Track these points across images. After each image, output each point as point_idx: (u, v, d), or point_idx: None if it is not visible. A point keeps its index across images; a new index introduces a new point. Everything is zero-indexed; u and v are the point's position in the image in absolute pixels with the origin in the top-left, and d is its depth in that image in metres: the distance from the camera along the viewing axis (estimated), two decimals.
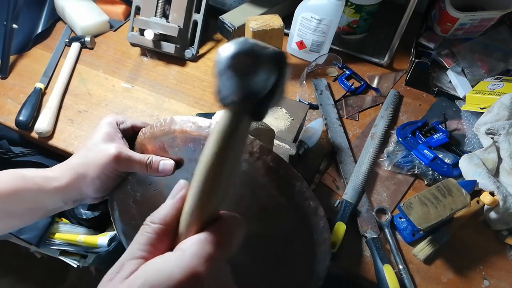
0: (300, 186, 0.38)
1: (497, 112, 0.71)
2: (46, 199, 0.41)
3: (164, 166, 0.41)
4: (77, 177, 0.41)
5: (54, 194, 0.41)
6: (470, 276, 0.62)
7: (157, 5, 0.85)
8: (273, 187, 0.37)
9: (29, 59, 0.88)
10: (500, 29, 0.87)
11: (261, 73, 0.20)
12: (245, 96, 0.21)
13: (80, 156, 0.42)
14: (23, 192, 0.40)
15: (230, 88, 0.21)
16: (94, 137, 0.43)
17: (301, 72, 0.85)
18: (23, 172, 0.41)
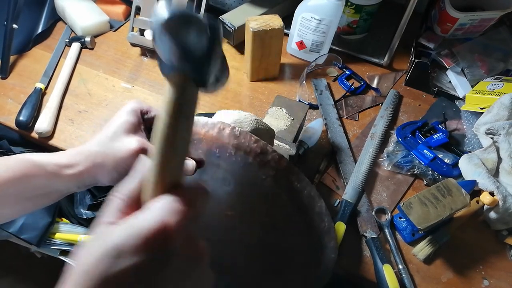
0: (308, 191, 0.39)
1: (496, 112, 0.71)
2: (59, 185, 0.40)
3: (185, 166, 0.39)
4: (94, 166, 0.39)
5: (68, 181, 0.40)
6: (470, 276, 0.62)
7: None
8: (280, 190, 0.38)
9: (29, 59, 0.88)
10: (500, 29, 0.87)
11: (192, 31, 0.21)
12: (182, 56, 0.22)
13: (99, 144, 0.40)
14: (34, 178, 0.38)
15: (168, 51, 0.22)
16: (114, 124, 0.40)
17: (301, 72, 0.85)
18: (33, 157, 0.39)
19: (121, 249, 0.22)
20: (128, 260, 0.22)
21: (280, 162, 0.38)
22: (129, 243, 0.22)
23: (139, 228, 0.23)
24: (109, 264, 0.22)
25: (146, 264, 0.22)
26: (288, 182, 0.38)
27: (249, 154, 0.37)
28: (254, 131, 0.47)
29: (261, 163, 0.37)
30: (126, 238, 0.22)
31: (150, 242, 0.22)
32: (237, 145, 0.37)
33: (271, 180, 0.38)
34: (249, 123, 0.47)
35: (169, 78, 0.24)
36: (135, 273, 0.22)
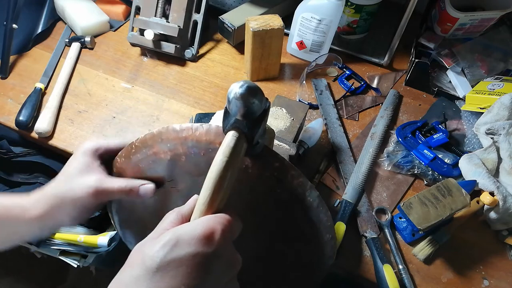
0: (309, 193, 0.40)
1: (497, 112, 0.71)
2: (22, 228, 0.41)
3: (145, 190, 0.41)
4: (51, 209, 0.40)
5: (29, 224, 0.41)
6: (470, 276, 0.62)
7: (157, 5, 0.85)
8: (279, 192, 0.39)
9: (29, 59, 0.88)
10: (500, 29, 0.87)
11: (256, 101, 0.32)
12: (246, 114, 0.32)
13: (55, 187, 0.41)
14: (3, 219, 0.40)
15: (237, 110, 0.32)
16: (70, 167, 0.42)
17: (301, 72, 0.85)
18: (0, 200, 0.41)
19: (178, 241, 0.28)
20: (183, 249, 0.28)
21: (298, 179, 0.39)
22: (185, 237, 0.28)
23: (194, 228, 0.29)
24: (169, 250, 0.28)
25: (196, 256, 0.28)
26: (302, 197, 0.40)
27: (266, 169, 0.38)
28: None
29: (278, 179, 0.38)
30: (182, 234, 0.29)
31: (200, 239, 0.28)
32: (254, 158, 0.38)
33: (286, 194, 0.39)
34: None
35: (229, 131, 0.33)
36: (187, 261, 0.28)
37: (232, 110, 0.33)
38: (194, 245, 0.28)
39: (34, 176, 0.80)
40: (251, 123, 0.33)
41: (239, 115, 0.33)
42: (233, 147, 0.32)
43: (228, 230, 0.30)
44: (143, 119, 0.79)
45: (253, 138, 0.34)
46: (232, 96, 0.32)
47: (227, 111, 0.34)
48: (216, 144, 0.38)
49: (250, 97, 0.32)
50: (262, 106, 0.33)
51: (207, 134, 0.38)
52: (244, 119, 0.33)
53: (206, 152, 0.38)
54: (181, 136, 0.38)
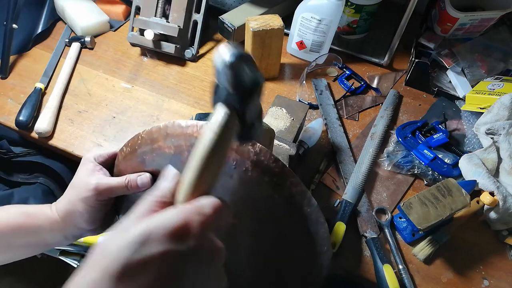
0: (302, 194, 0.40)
1: (497, 112, 0.71)
2: (47, 234, 0.45)
3: (141, 181, 0.43)
4: (68, 214, 0.44)
5: (53, 231, 0.45)
6: (470, 276, 0.62)
7: (157, 5, 0.85)
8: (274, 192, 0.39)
9: (29, 59, 0.88)
10: (500, 29, 0.87)
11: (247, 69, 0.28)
12: (236, 85, 0.28)
13: (67, 195, 0.45)
14: (27, 228, 0.44)
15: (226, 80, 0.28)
16: (77, 176, 0.46)
17: (301, 72, 0.85)
18: (26, 208, 0.45)
19: (146, 238, 0.24)
20: (152, 247, 0.24)
21: (297, 187, 0.39)
22: (154, 233, 0.24)
23: (165, 221, 0.25)
24: (134, 249, 0.23)
25: (167, 255, 0.24)
26: (299, 206, 0.39)
27: (266, 173, 0.38)
28: None
29: (277, 184, 0.38)
30: (153, 228, 0.24)
31: (173, 234, 0.24)
32: (255, 162, 0.37)
33: (284, 202, 0.39)
34: None
35: (219, 105, 0.30)
36: (158, 261, 0.24)
37: (220, 81, 0.29)
38: (166, 242, 0.24)
39: (34, 176, 0.80)
40: (242, 97, 0.30)
41: (229, 87, 0.29)
42: (223, 122, 0.29)
43: (209, 220, 0.27)
44: (143, 119, 0.79)
45: (245, 115, 0.31)
46: (221, 64, 0.28)
47: (216, 84, 0.31)
48: None
49: (241, 65, 0.28)
50: (254, 76, 0.29)
51: None
52: (235, 91, 0.29)
53: None
54: (186, 132, 0.38)
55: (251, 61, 0.29)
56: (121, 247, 0.24)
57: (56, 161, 0.81)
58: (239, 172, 0.38)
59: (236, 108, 0.30)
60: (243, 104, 0.30)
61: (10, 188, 0.78)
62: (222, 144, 0.29)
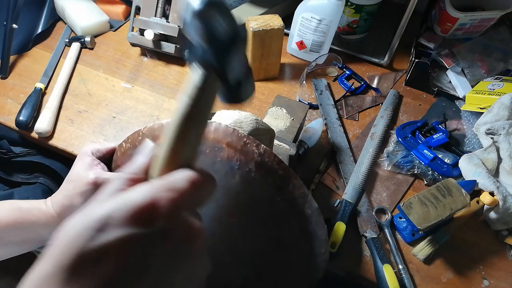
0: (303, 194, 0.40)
1: (497, 112, 0.71)
2: (42, 230, 0.44)
3: None
4: (64, 209, 0.43)
5: (49, 226, 0.44)
6: (469, 276, 0.62)
7: (157, 5, 0.85)
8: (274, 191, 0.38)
9: (29, 59, 0.88)
10: (500, 29, 0.87)
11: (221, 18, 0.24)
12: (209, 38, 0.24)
13: (63, 189, 0.45)
14: (21, 223, 0.43)
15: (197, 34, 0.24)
16: (73, 170, 0.45)
17: (301, 72, 0.85)
18: (19, 203, 0.44)
19: (104, 222, 0.20)
20: (110, 234, 0.20)
21: (299, 190, 0.39)
22: (114, 216, 0.20)
23: (126, 202, 0.21)
24: (90, 236, 0.20)
25: (129, 239, 0.20)
26: (300, 208, 0.39)
27: (269, 175, 0.38)
28: (254, 131, 0.47)
29: (279, 186, 0.38)
30: (112, 211, 0.21)
31: (136, 216, 0.21)
32: (259, 163, 0.37)
33: (285, 204, 0.39)
34: (249, 123, 0.47)
35: (194, 65, 0.26)
36: (117, 249, 0.20)
37: (191, 36, 0.25)
38: (127, 226, 0.20)
39: (34, 176, 0.80)
40: (219, 52, 0.25)
41: (202, 41, 0.25)
42: (199, 85, 0.25)
43: (183, 197, 0.23)
44: (143, 119, 0.79)
45: (226, 73, 0.26)
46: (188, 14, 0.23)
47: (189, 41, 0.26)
48: (223, 144, 0.37)
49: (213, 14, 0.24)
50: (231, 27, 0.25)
51: (215, 132, 0.38)
52: (209, 46, 0.25)
53: (211, 150, 0.38)
54: None
55: (225, 9, 0.24)
56: (76, 235, 0.20)
57: (56, 161, 0.81)
58: (242, 173, 0.38)
59: (214, 66, 0.25)
60: (221, 60, 0.25)
61: (10, 188, 0.78)
62: (200, 109, 0.25)
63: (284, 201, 0.39)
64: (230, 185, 0.39)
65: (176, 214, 0.22)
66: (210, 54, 0.25)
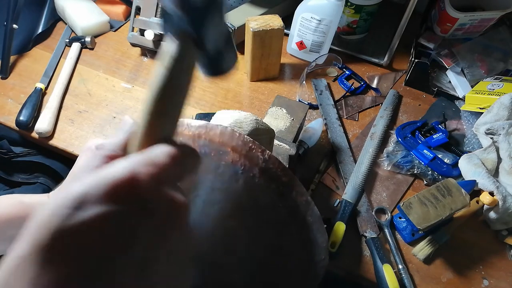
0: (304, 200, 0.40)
1: (496, 112, 0.72)
2: None
3: None
4: None
5: None
6: (469, 276, 0.62)
7: (157, 5, 0.85)
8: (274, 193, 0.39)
9: (30, 59, 0.88)
10: (499, 29, 0.87)
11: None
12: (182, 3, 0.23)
13: (65, 184, 0.44)
14: (24, 217, 0.42)
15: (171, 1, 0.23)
16: (77, 165, 0.44)
17: (301, 72, 0.85)
18: (21, 198, 0.43)
19: (82, 199, 0.19)
20: (88, 211, 0.19)
21: (302, 197, 0.39)
22: (91, 193, 0.19)
23: (104, 177, 0.20)
24: (67, 215, 0.18)
25: (107, 216, 0.19)
26: (302, 216, 0.39)
27: (272, 181, 0.38)
28: (254, 131, 0.47)
29: (282, 193, 0.38)
30: (89, 188, 0.19)
31: (114, 192, 0.20)
32: (264, 169, 0.37)
33: (287, 210, 0.39)
34: (249, 123, 0.47)
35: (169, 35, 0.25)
36: (96, 226, 0.19)
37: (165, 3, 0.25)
38: (105, 203, 0.19)
39: (35, 176, 0.80)
40: (194, 18, 0.24)
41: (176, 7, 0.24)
42: (175, 54, 0.24)
43: (164, 171, 0.21)
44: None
45: (203, 41, 0.25)
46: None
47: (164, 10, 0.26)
48: (228, 148, 0.37)
49: None
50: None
51: (221, 136, 0.37)
52: (184, 12, 0.24)
53: (216, 154, 0.38)
54: (195, 132, 0.38)
55: None
56: (52, 213, 0.19)
57: (56, 161, 0.81)
58: (246, 177, 0.38)
59: (190, 34, 0.25)
60: (197, 27, 0.24)
61: (10, 188, 0.78)
62: (178, 80, 0.24)
63: (286, 208, 0.39)
64: (233, 188, 0.39)
65: (157, 189, 0.21)
66: (185, 21, 0.24)
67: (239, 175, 0.38)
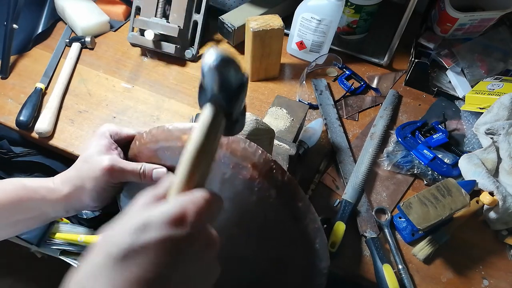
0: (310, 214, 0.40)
1: (496, 112, 0.72)
2: (49, 208, 0.44)
3: (157, 174, 0.42)
4: (75, 189, 0.43)
5: (55, 204, 0.43)
6: (469, 275, 0.62)
7: (157, 5, 0.85)
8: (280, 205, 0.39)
9: (30, 59, 0.88)
10: (499, 29, 0.87)
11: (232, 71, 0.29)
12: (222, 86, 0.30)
13: (77, 169, 0.44)
14: (27, 202, 0.42)
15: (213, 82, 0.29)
16: (89, 148, 0.44)
17: (301, 72, 0.85)
18: (24, 182, 0.44)
19: (147, 224, 0.26)
20: (152, 234, 0.25)
21: (314, 224, 0.39)
22: (154, 221, 0.26)
23: (163, 210, 0.27)
24: (135, 236, 0.25)
25: (165, 240, 0.26)
26: (311, 242, 0.40)
27: (288, 205, 0.38)
28: (254, 131, 0.47)
29: (295, 218, 0.39)
30: (153, 216, 0.26)
31: (171, 222, 0.26)
32: (281, 192, 0.38)
33: (297, 234, 0.39)
34: (249, 123, 0.47)
35: (205, 107, 0.31)
36: (156, 245, 0.25)
37: (207, 84, 0.31)
38: (164, 229, 0.26)
39: (35, 176, 0.80)
40: (228, 97, 0.31)
41: (216, 89, 0.30)
42: (210, 123, 0.30)
43: (203, 210, 0.28)
44: (143, 119, 0.79)
45: (232, 114, 0.32)
46: (207, 68, 0.29)
47: (202, 86, 0.31)
48: (248, 164, 0.37)
49: (226, 68, 0.29)
50: (239, 77, 0.31)
51: (244, 150, 0.38)
52: (221, 92, 0.30)
53: (235, 167, 0.38)
54: None
55: (236, 64, 0.30)
56: (123, 234, 0.26)
57: (56, 161, 0.81)
58: (261, 195, 0.38)
59: (223, 107, 0.31)
60: (229, 104, 0.31)
61: None
62: (210, 142, 0.30)
63: (296, 232, 0.39)
64: (245, 202, 0.39)
65: (200, 223, 0.28)
66: (221, 98, 0.30)
67: (254, 191, 0.38)
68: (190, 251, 0.27)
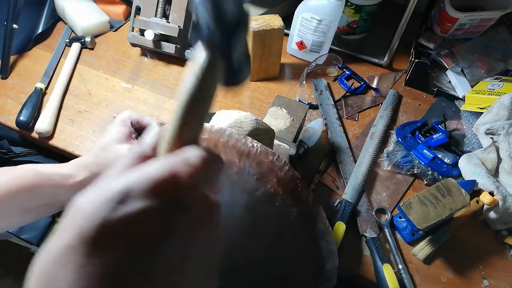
0: None
1: (496, 112, 0.72)
2: (62, 194, 0.42)
3: None
4: (92, 176, 0.42)
5: (70, 190, 0.42)
6: (469, 275, 0.62)
7: (157, 5, 0.85)
8: None
9: (30, 59, 0.88)
10: (499, 29, 0.87)
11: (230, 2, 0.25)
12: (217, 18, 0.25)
13: (95, 155, 0.43)
14: (40, 188, 0.41)
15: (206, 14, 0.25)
16: (107, 136, 0.43)
17: (301, 72, 0.85)
18: (37, 168, 0.42)
19: (125, 194, 0.20)
20: (132, 205, 0.20)
21: (330, 247, 0.39)
22: (135, 188, 0.20)
23: (148, 174, 0.21)
24: (111, 208, 0.20)
25: (151, 211, 0.20)
26: (323, 263, 0.40)
27: (308, 225, 0.38)
28: (254, 131, 0.47)
29: (313, 238, 0.38)
30: (133, 183, 0.21)
31: (158, 189, 0.21)
32: (303, 212, 0.37)
33: (312, 253, 0.39)
34: (249, 123, 0.47)
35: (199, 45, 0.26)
36: (139, 220, 0.20)
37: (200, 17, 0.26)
38: (149, 197, 0.20)
39: None
40: (226, 34, 0.26)
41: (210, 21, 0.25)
42: (206, 66, 0.26)
43: (198, 171, 0.23)
44: None
45: (230, 55, 0.27)
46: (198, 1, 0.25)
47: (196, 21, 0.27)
48: (274, 178, 0.36)
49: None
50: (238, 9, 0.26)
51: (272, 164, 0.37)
52: (217, 27, 0.25)
53: (260, 178, 0.37)
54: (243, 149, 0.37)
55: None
56: (96, 206, 0.20)
57: (56, 161, 0.81)
58: (281, 211, 0.37)
59: (219, 46, 0.26)
60: (227, 42, 0.26)
61: None
62: (205, 88, 0.26)
63: (310, 252, 0.39)
64: (262, 213, 0.39)
65: (196, 188, 0.23)
66: (217, 35, 0.25)
67: (274, 206, 0.37)
68: (185, 224, 0.22)
